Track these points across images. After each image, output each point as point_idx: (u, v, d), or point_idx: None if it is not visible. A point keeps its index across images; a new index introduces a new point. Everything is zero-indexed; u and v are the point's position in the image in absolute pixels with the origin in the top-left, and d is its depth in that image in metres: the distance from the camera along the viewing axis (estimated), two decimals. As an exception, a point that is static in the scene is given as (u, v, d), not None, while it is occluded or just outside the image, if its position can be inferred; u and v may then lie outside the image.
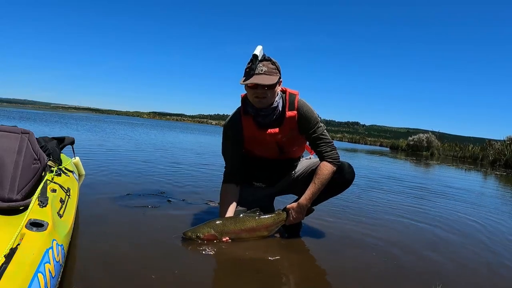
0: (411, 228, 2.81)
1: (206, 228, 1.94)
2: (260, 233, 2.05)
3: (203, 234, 1.91)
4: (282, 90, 2.06)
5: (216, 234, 1.93)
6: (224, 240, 1.94)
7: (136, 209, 2.47)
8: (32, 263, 0.98)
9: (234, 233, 1.98)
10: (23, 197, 1.31)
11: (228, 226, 1.98)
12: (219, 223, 1.98)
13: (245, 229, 2.00)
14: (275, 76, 1.88)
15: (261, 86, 1.86)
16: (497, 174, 10.05)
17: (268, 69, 1.86)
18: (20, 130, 1.47)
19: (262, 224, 2.04)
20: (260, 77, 1.83)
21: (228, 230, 1.96)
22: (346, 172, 2.12)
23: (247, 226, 2.01)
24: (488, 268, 2.06)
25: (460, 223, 3.14)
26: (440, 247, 2.35)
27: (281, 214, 2.11)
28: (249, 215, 2.05)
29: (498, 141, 16.07)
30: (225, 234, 1.95)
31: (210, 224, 1.96)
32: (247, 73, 1.87)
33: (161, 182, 3.61)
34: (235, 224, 2.00)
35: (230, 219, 2.03)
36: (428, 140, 19.45)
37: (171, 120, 76.09)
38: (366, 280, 1.71)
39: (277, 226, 2.10)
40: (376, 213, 3.18)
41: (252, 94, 1.90)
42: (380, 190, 4.56)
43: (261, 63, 1.86)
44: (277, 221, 2.09)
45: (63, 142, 2.48)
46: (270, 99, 1.92)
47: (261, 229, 2.04)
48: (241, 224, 2.00)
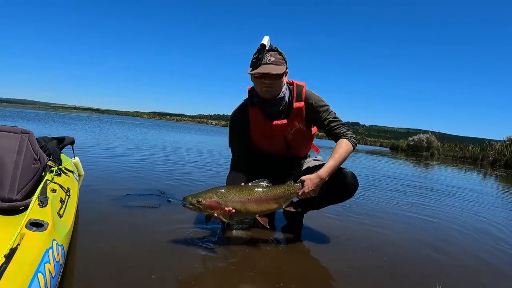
0: (411, 227, 2.80)
1: (208, 194, 1.76)
2: (268, 206, 1.86)
3: (205, 199, 1.73)
4: (289, 82, 2.03)
5: (219, 201, 1.75)
6: (227, 209, 1.75)
7: (136, 209, 2.47)
8: (32, 263, 0.98)
9: (240, 202, 1.79)
10: (23, 197, 1.31)
11: (233, 194, 1.80)
12: (223, 190, 1.80)
13: (252, 199, 1.81)
14: (282, 66, 1.87)
15: (269, 76, 1.83)
16: (497, 175, 10.05)
17: (275, 59, 1.84)
18: (20, 130, 1.47)
19: (271, 194, 1.85)
20: (268, 67, 1.82)
21: (232, 198, 1.78)
22: (349, 182, 2.04)
23: (254, 195, 1.82)
24: (488, 268, 2.06)
25: (460, 223, 3.14)
26: (440, 247, 2.35)
27: (293, 185, 1.92)
28: (257, 184, 1.88)
29: (498, 141, 16.08)
30: (229, 203, 1.77)
31: (213, 190, 1.79)
32: (254, 63, 1.85)
33: (161, 182, 3.61)
34: (241, 192, 1.81)
35: (236, 187, 1.86)
36: (428, 141, 19.45)
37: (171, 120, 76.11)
38: (367, 280, 1.71)
39: (288, 198, 1.90)
40: (376, 212, 3.18)
41: (259, 84, 1.89)
42: (380, 189, 4.56)
43: (268, 53, 1.84)
44: (289, 192, 1.89)
45: (63, 142, 2.48)
46: (277, 90, 1.91)
47: (269, 200, 1.85)
48: (248, 192, 1.82)
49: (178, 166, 5.01)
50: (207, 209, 1.74)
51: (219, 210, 1.74)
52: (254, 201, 1.82)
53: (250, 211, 1.82)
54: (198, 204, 1.72)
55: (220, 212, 1.75)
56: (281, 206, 1.90)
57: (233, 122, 2.11)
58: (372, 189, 4.58)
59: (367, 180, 5.36)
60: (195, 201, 1.72)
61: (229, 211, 1.75)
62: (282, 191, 1.88)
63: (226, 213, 1.75)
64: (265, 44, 1.83)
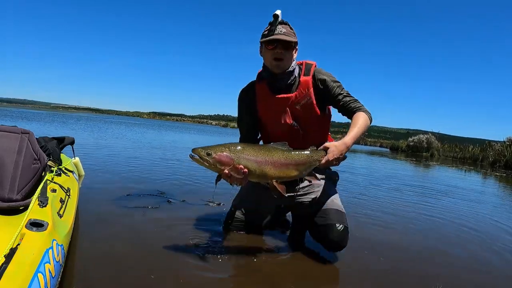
0: (411, 227, 2.81)
1: (220, 148, 1.58)
2: (287, 171, 1.67)
3: (215, 153, 1.55)
4: (300, 63, 2.00)
5: (232, 157, 1.56)
6: (239, 167, 1.56)
7: (136, 210, 2.47)
8: (32, 263, 0.98)
9: (256, 162, 1.60)
10: (23, 197, 1.31)
11: (249, 152, 1.60)
12: (239, 146, 1.61)
13: (270, 161, 1.62)
14: (294, 38, 1.87)
15: (280, 46, 1.82)
16: (497, 175, 10.05)
17: (287, 30, 1.84)
18: (20, 130, 1.47)
19: (292, 159, 1.67)
20: (281, 35, 1.82)
21: (247, 156, 1.59)
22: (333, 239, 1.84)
23: (273, 157, 1.63)
24: (489, 268, 2.06)
25: (461, 223, 3.14)
26: (440, 247, 2.36)
27: (316, 151, 1.74)
28: (277, 146, 1.70)
29: (498, 142, 16.07)
30: (243, 161, 1.58)
31: (227, 145, 1.60)
32: (266, 34, 1.85)
33: (161, 182, 3.61)
34: (258, 151, 1.62)
35: (253, 145, 1.69)
36: (428, 141, 19.44)
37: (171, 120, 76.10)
38: (366, 280, 1.71)
39: (309, 166, 1.72)
40: (376, 212, 3.18)
41: (270, 55, 1.86)
42: (380, 189, 4.56)
43: (280, 25, 1.84)
44: (311, 159, 1.71)
45: (63, 142, 2.48)
46: (287, 62, 1.88)
47: (289, 165, 1.67)
48: (266, 153, 1.63)
49: (178, 166, 5.01)
50: (217, 164, 1.55)
51: (230, 167, 1.56)
52: (272, 163, 1.63)
53: (267, 174, 1.63)
54: (207, 157, 1.54)
55: (231, 169, 1.56)
56: (301, 174, 1.71)
57: (240, 100, 2.07)
58: (372, 188, 4.58)
59: (367, 180, 5.36)
60: (204, 153, 1.54)
61: (241, 170, 1.56)
62: (305, 157, 1.70)
63: (238, 171, 1.56)
64: (278, 15, 1.82)
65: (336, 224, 1.85)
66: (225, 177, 1.60)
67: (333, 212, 1.91)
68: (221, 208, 2.76)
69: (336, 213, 1.91)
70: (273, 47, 1.83)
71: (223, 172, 1.57)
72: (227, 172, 1.56)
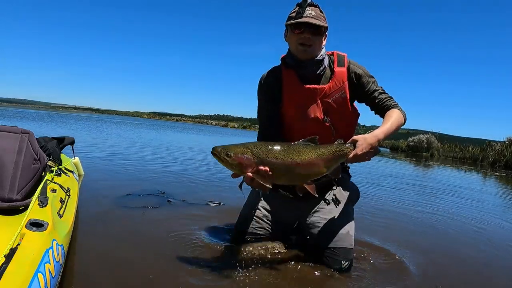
0: (412, 227, 2.81)
1: (241, 148, 1.42)
2: (319, 169, 1.53)
3: (235, 154, 1.40)
4: (330, 53, 1.81)
5: (252, 160, 1.41)
6: (263, 169, 1.41)
7: (136, 210, 2.47)
8: (32, 263, 0.98)
9: (283, 165, 1.43)
10: (23, 197, 1.31)
11: (275, 153, 1.43)
12: (264, 147, 1.44)
13: (300, 162, 1.45)
14: (324, 22, 1.68)
15: (308, 30, 1.63)
16: (497, 175, 10.05)
17: (316, 14, 1.64)
18: (20, 130, 1.47)
19: (323, 156, 1.51)
20: (309, 19, 1.62)
21: (273, 159, 1.42)
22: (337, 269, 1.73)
23: (304, 157, 1.46)
24: (489, 268, 2.06)
25: (461, 222, 3.14)
26: (441, 247, 2.36)
27: (344, 145, 1.58)
28: (306, 143, 1.52)
29: (498, 142, 16.07)
30: (268, 164, 1.41)
31: (249, 145, 1.44)
32: (294, 17, 1.66)
33: (161, 182, 3.61)
34: (287, 151, 1.45)
35: (279, 145, 1.48)
36: (428, 141, 19.43)
37: (171, 120, 76.09)
38: (366, 280, 1.71)
39: (337, 161, 1.58)
40: (375, 211, 3.18)
41: (296, 40, 1.67)
42: (380, 188, 4.56)
43: (309, 7, 1.64)
44: (339, 154, 1.56)
45: (63, 142, 2.48)
46: (316, 50, 1.69)
47: (319, 163, 1.51)
48: (296, 154, 1.46)
49: (178, 166, 5.01)
50: (237, 167, 1.42)
51: (253, 170, 1.41)
52: (303, 164, 1.46)
53: (296, 176, 1.49)
54: (226, 157, 1.40)
55: (254, 172, 1.41)
56: (328, 170, 1.57)
57: (262, 86, 1.81)
58: (372, 188, 4.58)
59: (367, 179, 5.36)
60: (223, 154, 1.40)
61: (266, 172, 1.41)
62: (333, 152, 1.54)
63: (263, 174, 1.41)
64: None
65: (342, 262, 1.73)
66: (247, 180, 1.45)
67: (342, 250, 1.76)
68: (221, 207, 2.76)
69: (345, 251, 1.76)
70: (300, 31, 1.64)
71: (246, 174, 1.42)
72: (249, 175, 1.41)
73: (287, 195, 1.85)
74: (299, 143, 1.52)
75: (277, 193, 1.87)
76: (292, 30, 1.68)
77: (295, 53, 1.72)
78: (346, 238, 1.78)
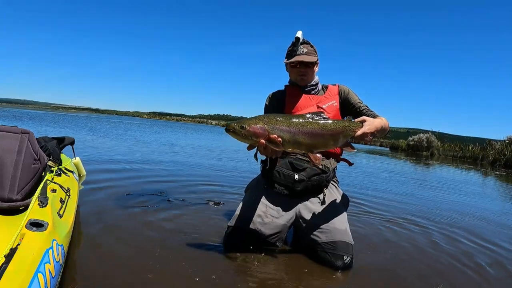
0: (412, 227, 2.80)
1: (254, 120, 1.59)
2: (324, 141, 1.66)
3: (249, 125, 1.57)
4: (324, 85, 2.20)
5: (266, 128, 1.58)
6: (273, 137, 1.58)
7: (136, 209, 2.47)
8: (32, 263, 0.98)
9: (289, 133, 1.60)
10: (23, 197, 1.32)
11: (283, 122, 1.60)
12: (271, 116, 1.62)
13: (304, 131, 1.61)
14: (314, 56, 2.07)
15: (303, 65, 2.04)
16: (497, 174, 10.05)
17: (308, 50, 2.05)
18: (20, 130, 1.47)
19: (328, 128, 1.65)
20: (302, 57, 2.03)
21: (281, 127, 1.60)
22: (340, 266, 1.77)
23: (308, 127, 1.62)
24: (489, 268, 2.06)
25: (461, 222, 3.14)
26: (441, 246, 2.36)
27: (353, 122, 1.74)
28: (313, 115, 1.67)
29: (498, 141, 16.07)
30: (277, 131, 1.59)
31: (260, 117, 1.62)
32: (290, 54, 2.06)
33: (161, 182, 3.61)
34: (292, 121, 1.62)
35: (288, 116, 1.67)
36: (428, 140, 19.43)
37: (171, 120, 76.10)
38: (366, 280, 1.71)
39: (346, 136, 1.69)
40: (375, 210, 3.18)
41: (295, 73, 2.10)
42: (380, 188, 4.56)
43: (302, 46, 2.04)
44: (347, 129, 1.69)
45: (63, 142, 2.48)
46: (310, 78, 2.11)
47: (326, 135, 1.64)
48: (300, 123, 1.62)
49: (178, 166, 5.01)
50: (252, 136, 1.58)
51: (265, 138, 1.58)
52: (307, 133, 1.62)
53: (301, 144, 1.62)
54: (241, 130, 1.57)
55: (266, 140, 1.58)
56: (337, 144, 1.71)
57: (269, 98, 2.20)
58: (372, 187, 4.58)
59: (367, 179, 5.36)
60: (238, 127, 1.57)
61: (275, 139, 1.58)
62: (342, 126, 1.67)
63: (274, 141, 1.58)
64: (299, 37, 2.01)
65: (344, 257, 1.79)
66: (261, 149, 1.64)
67: (344, 244, 1.81)
68: (221, 207, 2.77)
69: (346, 246, 1.82)
70: (295, 66, 2.06)
71: (259, 143, 1.59)
72: (263, 142, 1.58)
73: (282, 190, 1.96)
74: (306, 115, 1.67)
75: (273, 190, 1.99)
76: (289, 65, 2.10)
77: (295, 81, 2.14)
78: (345, 234, 1.85)
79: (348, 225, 1.93)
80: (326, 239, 1.83)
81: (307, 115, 1.67)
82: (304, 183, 1.93)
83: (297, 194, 1.96)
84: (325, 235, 1.84)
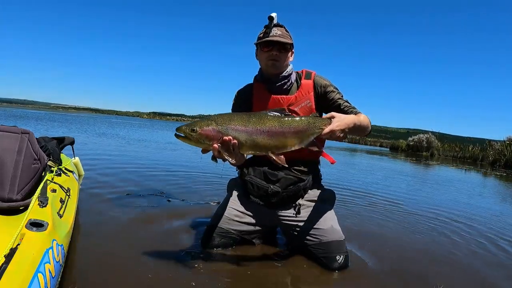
0: (412, 227, 2.80)
1: (205, 121, 1.44)
2: (285, 140, 1.49)
3: (200, 128, 1.42)
4: (300, 71, 1.95)
5: (218, 130, 1.42)
6: (227, 139, 1.42)
7: (136, 209, 2.47)
8: (32, 263, 0.98)
9: (245, 133, 1.44)
10: (23, 197, 1.31)
11: (237, 122, 1.45)
12: (227, 116, 1.46)
13: (262, 130, 1.45)
14: (289, 40, 1.84)
15: (276, 48, 1.79)
16: (497, 175, 10.05)
17: (282, 33, 1.81)
18: (20, 130, 1.47)
19: (289, 126, 1.49)
20: (276, 37, 1.79)
21: (236, 127, 1.43)
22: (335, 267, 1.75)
23: (266, 125, 1.45)
24: (490, 267, 2.06)
25: (461, 221, 3.13)
26: (441, 246, 2.35)
27: (319, 118, 1.58)
28: (272, 113, 1.51)
29: (498, 141, 16.07)
30: (232, 132, 1.43)
31: (212, 117, 1.46)
32: (262, 37, 1.83)
33: (161, 182, 3.61)
34: (247, 120, 1.45)
35: (242, 114, 1.51)
36: (428, 141, 19.43)
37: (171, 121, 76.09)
38: (367, 280, 1.71)
39: (311, 134, 1.53)
40: (376, 209, 3.18)
41: (265, 57, 1.83)
42: (380, 187, 4.56)
43: (275, 28, 1.81)
44: (313, 126, 1.52)
45: (63, 142, 2.48)
46: (282, 64, 1.84)
47: (287, 133, 1.48)
48: (257, 121, 1.45)
49: (177, 166, 5.01)
50: (204, 140, 1.43)
51: (219, 141, 1.42)
52: (266, 132, 1.45)
53: (260, 144, 1.46)
54: (192, 133, 1.42)
55: (219, 143, 1.43)
56: (301, 144, 1.53)
57: (236, 98, 1.98)
58: (372, 187, 4.58)
59: (367, 178, 5.36)
60: (188, 130, 1.42)
61: (229, 141, 1.42)
62: (305, 123, 1.51)
63: (228, 143, 1.43)
64: (273, 17, 1.79)
65: (337, 257, 1.76)
66: (216, 153, 1.47)
67: (333, 244, 1.78)
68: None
69: (337, 244, 1.79)
70: (269, 49, 1.81)
71: (213, 147, 1.44)
72: (216, 146, 1.43)
73: (257, 201, 1.87)
74: (264, 112, 1.52)
75: (248, 200, 1.90)
76: (261, 48, 1.85)
77: (264, 68, 1.89)
78: (332, 232, 1.81)
79: (335, 221, 1.87)
80: (314, 243, 1.82)
81: (266, 112, 1.50)
82: (279, 195, 1.82)
83: (273, 205, 1.86)
84: (312, 238, 1.82)
